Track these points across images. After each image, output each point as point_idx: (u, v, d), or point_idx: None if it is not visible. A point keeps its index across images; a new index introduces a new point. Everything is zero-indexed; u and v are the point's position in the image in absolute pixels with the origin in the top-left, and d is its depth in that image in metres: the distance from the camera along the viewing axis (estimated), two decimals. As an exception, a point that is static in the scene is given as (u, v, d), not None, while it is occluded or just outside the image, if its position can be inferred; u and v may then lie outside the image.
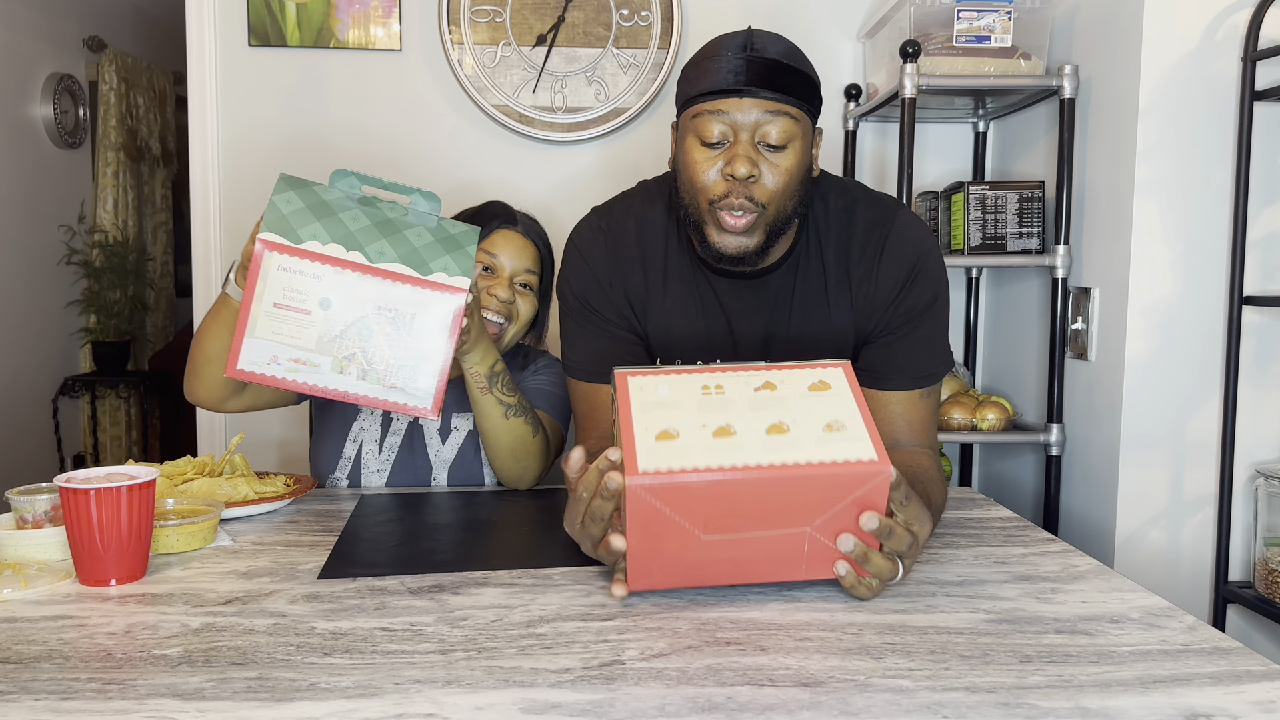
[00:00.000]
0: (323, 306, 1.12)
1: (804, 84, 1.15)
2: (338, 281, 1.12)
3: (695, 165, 1.16)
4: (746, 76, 1.12)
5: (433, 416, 1.17)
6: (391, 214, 1.18)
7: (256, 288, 1.10)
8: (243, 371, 1.12)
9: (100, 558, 1.00)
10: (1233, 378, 1.67)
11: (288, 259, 1.11)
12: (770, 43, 1.15)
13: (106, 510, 0.99)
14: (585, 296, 1.30)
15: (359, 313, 1.12)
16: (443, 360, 1.16)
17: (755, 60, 1.13)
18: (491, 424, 1.38)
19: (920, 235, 1.25)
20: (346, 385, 1.14)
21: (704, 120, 1.14)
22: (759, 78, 1.12)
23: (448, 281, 1.14)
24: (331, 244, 1.12)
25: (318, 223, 1.13)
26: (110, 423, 3.86)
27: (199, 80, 2.22)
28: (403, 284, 1.13)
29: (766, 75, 1.12)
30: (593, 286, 1.30)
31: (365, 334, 1.13)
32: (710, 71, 1.14)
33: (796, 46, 1.18)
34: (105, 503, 0.99)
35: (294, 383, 1.13)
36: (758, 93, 1.12)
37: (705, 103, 1.14)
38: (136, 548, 1.02)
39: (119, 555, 1.01)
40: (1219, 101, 1.68)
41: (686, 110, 1.18)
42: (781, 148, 1.14)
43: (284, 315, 1.11)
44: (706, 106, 1.14)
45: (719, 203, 1.15)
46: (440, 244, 1.17)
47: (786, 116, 1.13)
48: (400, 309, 1.13)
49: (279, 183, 1.16)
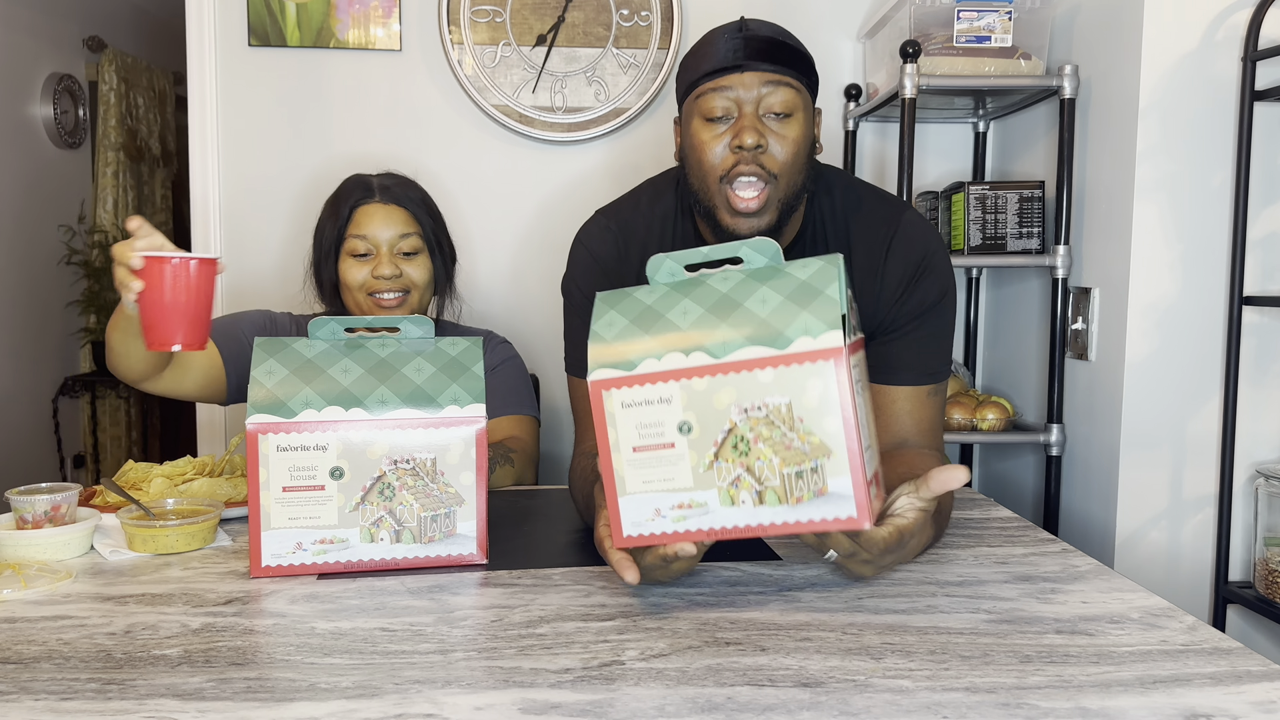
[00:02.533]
0: (334, 477, 1.04)
1: (801, 59, 1.18)
2: (344, 447, 1.04)
3: (703, 145, 1.17)
4: (745, 52, 1.14)
5: (482, 560, 1.08)
6: (383, 352, 1.09)
7: (260, 476, 1.03)
8: (269, 568, 1.04)
9: (168, 319, 1.09)
10: (1233, 378, 1.67)
11: (284, 437, 1.03)
12: (764, 24, 1.19)
13: (177, 278, 1.09)
14: (591, 295, 1.30)
15: (374, 473, 1.04)
16: (479, 500, 1.07)
17: (752, 37, 1.16)
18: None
19: (927, 235, 1.25)
20: (381, 553, 1.05)
21: (707, 98, 1.16)
22: (758, 52, 1.15)
23: (461, 414, 1.06)
24: (327, 406, 1.04)
25: (307, 387, 1.04)
26: (110, 423, 3.86)
27: (199, 80, 2.22)
28: (414, 430, 1.05)
29: (764, 49, 1.15)
30: (603, 284, 1.30)
31: (388, 494, 1.05)
32: (708, 54, 1.17)
33: (789, 31, 1.21)
34: (177, 272, 1.09)
35: (326, 564, 1.05)
36: (758, 65, 1.14)
37: (707, 82, 1.16)
38: (200, 315, 1.11)
39: (185, 318, 1.09)
40: (1219, 101, 1.68)
41: (689, 94, 1.19)
42: (786, 116, 1.16)
43: (295, 499, 1.04)
44: (709, 85, 1.16)
45: (729, 177, 1.16)
46: (443, 372, 1.08)
47: (787, 86, 1.15)
48: (418, 457, 1.05)
49: (256, 352, 1.07)
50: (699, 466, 0.91)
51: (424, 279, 1.58)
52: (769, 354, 0.89)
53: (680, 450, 0.91)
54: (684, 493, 0.92)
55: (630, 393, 0.92)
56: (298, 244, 2.25)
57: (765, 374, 0.89)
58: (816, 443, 0.88)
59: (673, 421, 0.91)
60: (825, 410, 0.88)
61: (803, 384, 0.88)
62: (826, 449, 0.88)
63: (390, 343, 1.10)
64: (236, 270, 2.26)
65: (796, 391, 0.89)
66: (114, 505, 1.26)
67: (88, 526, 1.14)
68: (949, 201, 2.04)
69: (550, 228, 2.29)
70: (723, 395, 0.90)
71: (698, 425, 0.90)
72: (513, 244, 2.29)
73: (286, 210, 2.26)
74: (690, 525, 0.91)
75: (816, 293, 0.90)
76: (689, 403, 0.90)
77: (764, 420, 0.89)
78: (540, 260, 2.29)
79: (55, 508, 1.13)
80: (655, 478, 0.92)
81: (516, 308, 2.29)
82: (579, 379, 1.33)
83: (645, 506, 0.92)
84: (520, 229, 2.29)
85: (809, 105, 1.20)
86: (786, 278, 0.93)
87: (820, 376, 0.88)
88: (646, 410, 0.91)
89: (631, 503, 0.92)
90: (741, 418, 0.90)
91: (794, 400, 0.89)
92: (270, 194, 2.25)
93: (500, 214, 2.28)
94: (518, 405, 1.59)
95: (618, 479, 0.93)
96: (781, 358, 0.89)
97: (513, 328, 2.23)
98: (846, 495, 0.88)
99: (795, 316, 0.90)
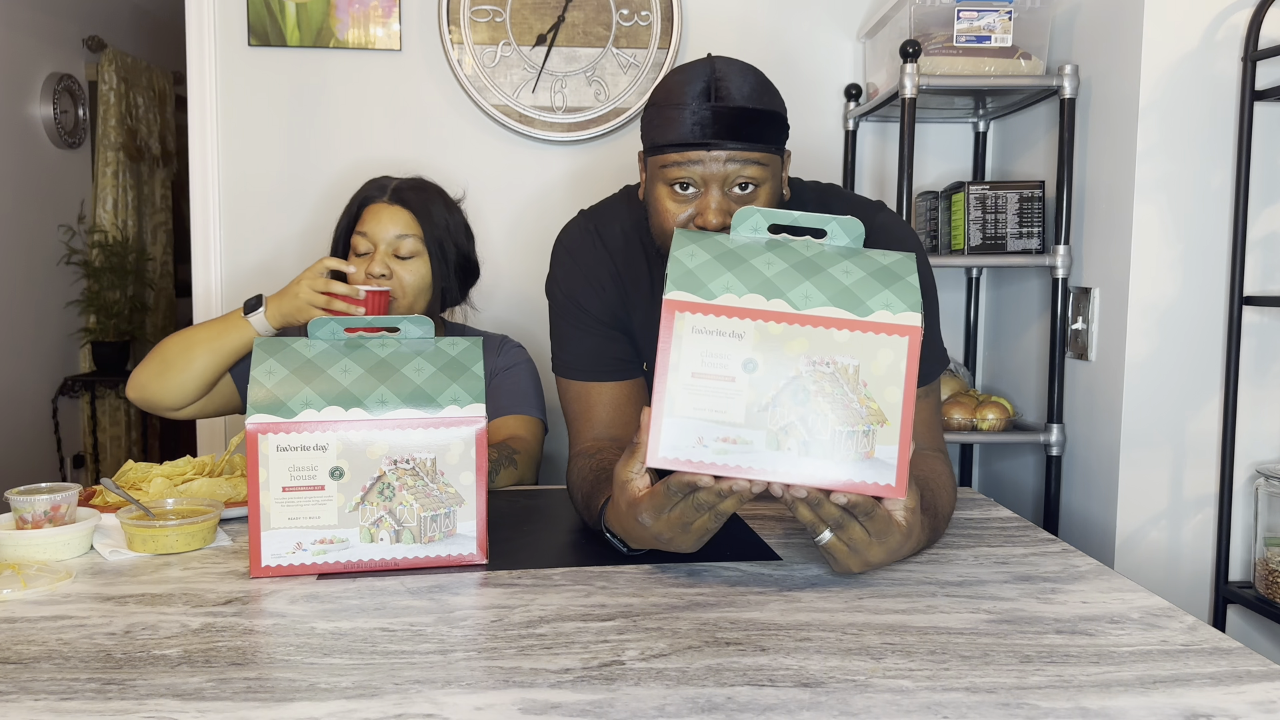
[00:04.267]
0: (334, 477, 1.04)
1: (772, 124, 1.13)
2: (344, 447, 1.04)
3: (666, 213, 1.15)
4: (714, 130, 1.10)
5: (482, 560, 1.08)
6: (383, 352, 1.09)
7: (260, 476, 1.03)
8: (269, 568, 1.04)
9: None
10: (1233, 378, 1.67)
11: (284, 437, 1.03)
12: (735, 83, 1.12)
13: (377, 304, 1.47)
14: (574, 296, 1.31)
15: (374, 473, 1.05)
16: (479, 500, 1.07)
17: (721, 111, 1.10)
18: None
19: (899, 239, 1.23)
20: (381, 553, 1.05)
21: (673, 171, 1.13)
22: (727, 129, 1.10)
23: (461, 414, 1.07)
24: (327, 406, 1.04)
25: (307, 387, 1.05)
26: (110, 423, 3.86)
27: (199, 80, 2.22)
28: (414, 430, 1.05)
29: (733, 125, 1.10)
30: (582, 286, 1.30)
31: (388, 494, 1.05)
32: (675, 121, 1.12)
33: (761, 77, 1.15)
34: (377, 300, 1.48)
35: (326, 564, 1.05)
36: (726, 145, 1.10)
37: (673, 153, 1.12)
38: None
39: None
40: (1219, 101, 1.68)
41: (654, 157, 1.16)
42: (753, 189, 1.13)
43: (295, 499, 1.04)
44: (675, 158, 1.12)
45: None
46: (443, 372, 1.08)
47: (755, 164, 1.12)
48: (418, 457, 1.05)
49: (256, 352, 1.07)
50: (754, 406, 0.92)
51: (416, 284, 1.57)
52: (848, 317, 0.92)
53: (739, 386, 0.92)
54: (733, 428, 0.92)
55: (705, 320, 0.92)
56: (297, 244, 2.25)
57: (841, 334, 0.92)
58: (875, 409, 0.92)
59: (739, 357, 0.92)
60: (891, 380, 0.92)
61: (875, 352, 0.92)
62: (883, 416, 0.92)
63: (390, 343, 1.10)
64: (236, 270, 2.26)
65: (867, 357, 0.92)
66: (114, 505, 1.26)
67: (87, 526, 1.14)
68: (949, 201, 2.04)
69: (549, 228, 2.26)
70: (795, 344, 0.92)
71: (763, 366, 0.92)
72: (512, 244, 2.29)
73: (286, 210, 2.25)
74: (732, 460, 0.92)
75: (898, 277, 0.94)
76: (760, 343, 0.92)
77: (829, 376, 0.92)
78: (539, 260, 2.27)
79: (55, 508, 1.13)
80: (706, 406, 0.92)
81: (516, 308, 2.29)
82: (568, 380, 1.32)
83: (690, 431, 0.92)
84: (520, 229, 2.29)
85: (778, 168, 1.16)
86: (868, 259, 0.96)
87: (893, 349, 0.92)
88: (715, 340, 0.92)
89: (677, 425, 0.92)
90: (809, 368, 0.92)
91: (863, 364, 0.92)
92: (270, 194, 2.25)
93: (500, 214, 2.28)
94: (525, 406, 1.59)
95: (668, 399, 0.92)
96: (859, 323, 0.92)
97: (512, 327, 2.23)
98: (890, 464, 0.92)
99: (877, 292, 0.93)
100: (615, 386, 1.30)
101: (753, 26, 2.27)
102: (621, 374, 1.30)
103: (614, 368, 1.30)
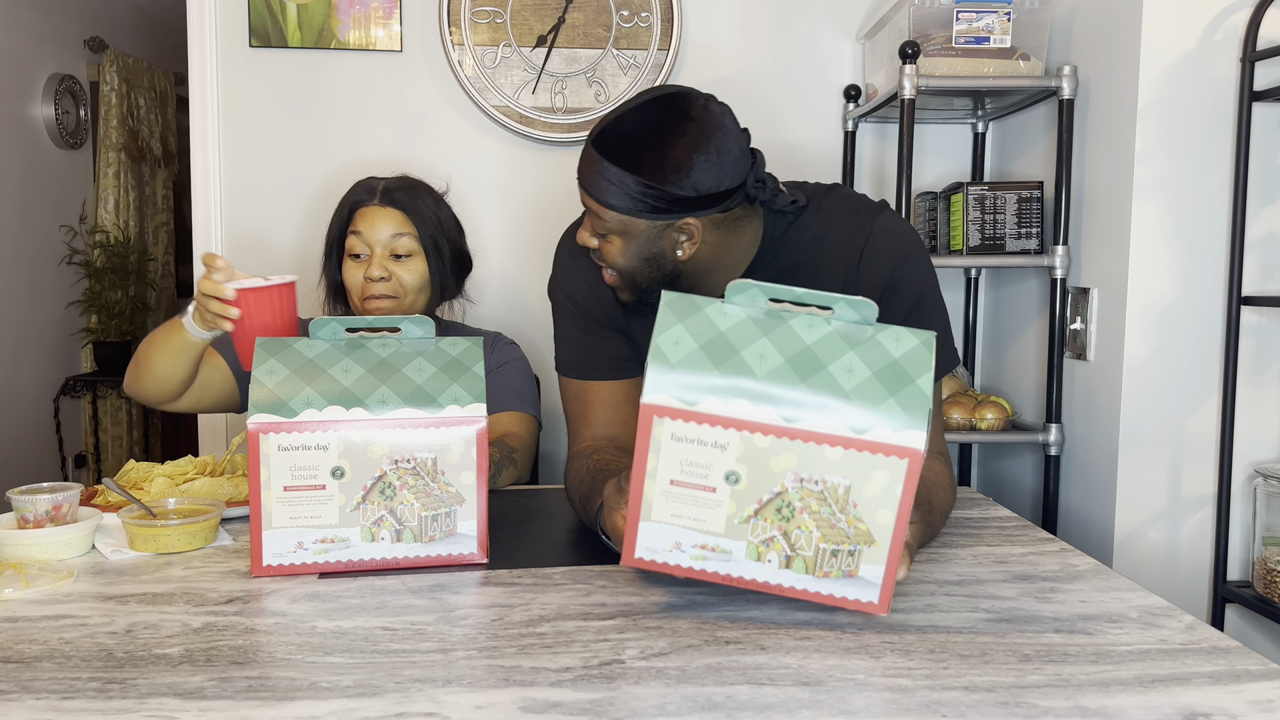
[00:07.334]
0: (335, 476, 1.04)
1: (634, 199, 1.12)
2: (345, 447, 1.04)
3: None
4: (592, 192, 1.13)
5: (483, 559, 1.09)
6: (384, 352, 1.09)
7: (261, 476, 1.02)
8: (270, 568, 1.05)
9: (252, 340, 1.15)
10: (1231, 378, 1.67)
11: (285, 437, 1.02)
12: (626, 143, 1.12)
13: (270, 303, 1.24)
14: (574, 296, 1.31)
15: (375, 473, 1.04)
16: (480, 499, 1.07)
17: (584, 175, 1.14)
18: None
19: (901, 240, 1.22)
20: (382, 552, 1.05)
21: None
22: (595, 191, 1.12)
23: (461, 414, 1.06)
24: (328, 406, 1.04)
25: (308, 387, 1.04)
26: (111, 422, 3.86)
27: (200, 81, 2.22)
28: (415, 429, 1.05)
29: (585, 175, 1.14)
30: (581, 287, 1.31)
31: (389, 493, 1.05)
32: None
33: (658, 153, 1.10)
34: (270, 297, 1.24)
35: (327, 564, 1.05)
36: (585, 194, 1.14)
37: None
38: (290, 330, 1.24)
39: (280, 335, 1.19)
40: (1218, 102, 1.68)
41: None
42: (603, 236, 1.16)
43: (296, 498, 1.03)
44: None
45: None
46: (444, 372, 1.08)
47: (597, 218, 1.15)
48: (419, 456, 1.05)
49: (257, 353, 1.06)
50: (735, 517, 0.89)
51: (415, 282, 1.58)
52: (844, 435, 0.86)
53: (720, 497, 0.88)
54: (712, 536, 0.89)
55: (685, 428, 0.87)
56: (298, 244, 2.26)
57: (834, 452, 0.86)
58: (863, 530, 0.87)
59: (722, 468, 0.87)
60: (884, 504, 0.86)
61: (869, 473, 0.86)
62: (870, 538, 0.87)
63: (391, 343, 1.10)
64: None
65: (860, 478, 0.86)
66: (115, 505, 1.27)
67: (89, 526, 1.14)
68: (948, 202, 2.05)
69: (549, 228, 2.28)
70: (783, 459, 0.87)
71: (746, 479, 0.87)
72: (512, 244, 2.30)
73: (287, 211, 2.26)
74: (708, 567, 0.90)
75: (907, 380, 0.87)
76: (744, 455, 0.87)
77: (817, 495, 0.87)
78: (539, 261, 2.29)
79: (56, 507, 1.14)
80: (686, 514, 0.89)
81: (515, 308, 2.30)
82: (568, 379, 1.33)
83: (667, 537, 0.90)
84: (520, 229, 2.30)
85: (636, 230, 1.13)
86: (878, 349, 0.88)
87: (890, 471, 0.86)
88: (697, 450, 0.87)
89: (653, 529, 0.90)
90: (795, 485, 0.87)
91: (855, 485, 0.87)
92: (271, 194, 2.25)
93: (500, 214, 2.29)
94: (519, 403, 1.60)
95: (645, 503, 0.89)
96: (855, 442, 0.86)
97: (512, 328, 2.23)
98: (874, 583, 0.89)
99: (881, 401, 0.86)
100: (613, 385, 1.31)
101: (752, 27, 2.27)
102: (620, 373, 1.31)
103: (612, 367, 1.31)
